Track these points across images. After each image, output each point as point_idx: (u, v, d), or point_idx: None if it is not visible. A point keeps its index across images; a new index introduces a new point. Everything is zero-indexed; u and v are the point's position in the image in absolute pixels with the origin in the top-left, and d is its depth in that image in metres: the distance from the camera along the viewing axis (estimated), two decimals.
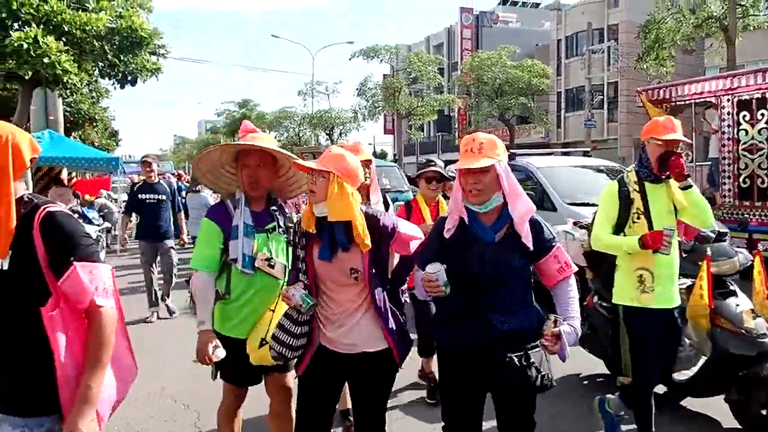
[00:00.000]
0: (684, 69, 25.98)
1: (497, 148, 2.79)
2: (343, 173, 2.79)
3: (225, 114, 60.68)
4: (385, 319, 2.91)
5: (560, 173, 8.76)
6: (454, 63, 44.21)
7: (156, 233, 8.00)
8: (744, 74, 10.53)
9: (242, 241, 3.11)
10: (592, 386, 5.26)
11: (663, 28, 19.24)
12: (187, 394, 5.13)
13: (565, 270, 2.81)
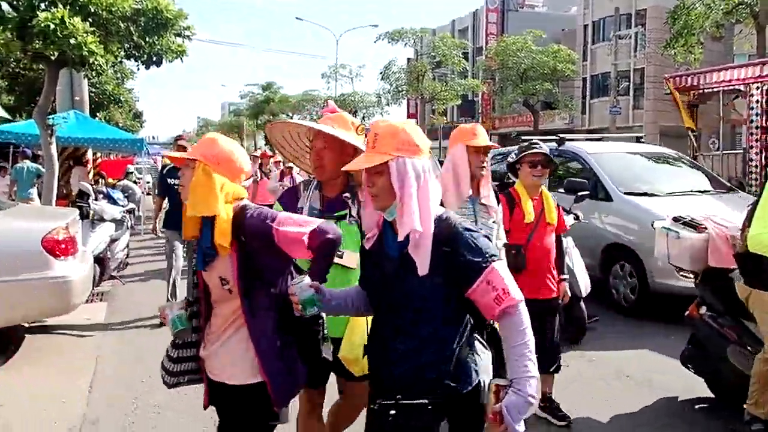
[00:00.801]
0: (712, 56, 25.50)
1: (397, 142, 2.13)
2: (211, 161, 2.40)
3: (249, 96, 60.88)
4: (258, 343, 2.39)
5: (614, 160, 8.11)
6: (479, 47, 43.78)
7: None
8: None
9: None
10: (698, 412, 4.48)
11: (692, 14, 18.85)
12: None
13: (502, 299, 2.03)
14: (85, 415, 4.32)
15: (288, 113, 58.20)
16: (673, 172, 8.33)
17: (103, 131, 13.30)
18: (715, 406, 4.43)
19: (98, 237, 7.78)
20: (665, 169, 8.41)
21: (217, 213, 2.35)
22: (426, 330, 2.12)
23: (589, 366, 5.43)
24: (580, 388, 4.87)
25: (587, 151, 8.13)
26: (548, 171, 4.23)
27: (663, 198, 7.27)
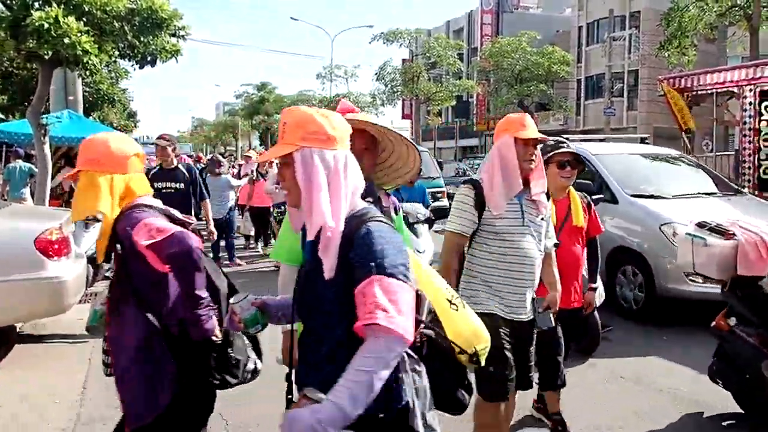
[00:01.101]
0: (706, 58, 25.58)
1: (304, 131, 1.91)
2: (92, 164, 2.33)
3: (243, 96, 60.85)
4: (117, 356, 2.34)
5: (619, 161, 7.95)
6: (474, 48, 43.85)
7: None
8: (767, 64, 10.37)
9: None
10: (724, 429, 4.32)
11: (686, 16, 18.95)
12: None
13: (371, 316, 1.70)
14: (79, 416, 4.30)
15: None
16: (678, 174, 8.19)
17: (96, 131, 13.27)
18: (743, 422, 4.21)
19: (92, 237, 7.74)
20: (671, 171, 8.27)
21: (100, 212, 2.27)
22: (329, 344, 1.89)
23: (594, 371, 5.30)
24: (582, 393, 4.74)
25: (591, 152, 7.91)
26: (577, 171, 4.03)
27: (670, 200, 7.14)
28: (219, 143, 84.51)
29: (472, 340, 2.04)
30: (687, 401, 4.62)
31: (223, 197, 10.24)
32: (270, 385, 2.70)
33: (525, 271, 3.12)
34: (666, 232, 6.54)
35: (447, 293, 2.12)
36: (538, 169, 3.17)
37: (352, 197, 1.92)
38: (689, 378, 5.07)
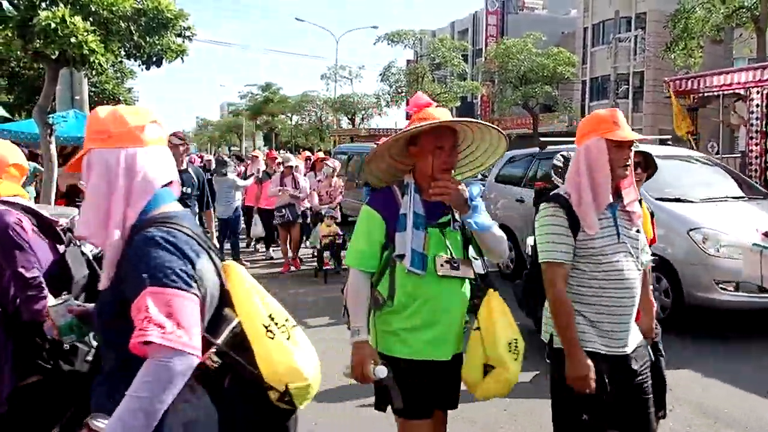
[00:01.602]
0: (712, 60, 25.52)
1: (91, 131, 1.77)
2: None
3: (248, 97, 60.95)
4: None
5: None
6: (479, 49, 43.82)
7: None
8: None
9: (411, 234, 2.51)
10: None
11: (692, 18, 18.89)
12: None
13: (143, 332, 1.51)
14: None
15: (287, 114, 58.29)
16: (703, 177, 7.84)
17: None
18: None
19: None
20: (695, 173, 7.90)
21: None
22: (114, 360, 1.71)
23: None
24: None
25: None
26: (647, 175, 3.69)
27: (697, 204, 6.86)
28: (223, 143, 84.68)
29: (284, 375, 1.74)
30: (730, 420, 4.28)
31: (229, 197, 10.29)
32: None
33: (625, 296, 2.62)
34: (695, 238, 6.30)
35: (265, 318, 1.78)
36: (631, 177, 2.70)
37: (138, 202, 1.71)
38: (726, 394, 4.76)
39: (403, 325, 2.57)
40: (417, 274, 2.51)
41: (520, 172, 9.54)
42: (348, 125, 46.13)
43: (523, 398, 4.45)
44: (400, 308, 2.57)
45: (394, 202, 2.62)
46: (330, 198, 10.43)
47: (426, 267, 2.52)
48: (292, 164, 9.94)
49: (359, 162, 14.32)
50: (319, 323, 6.78)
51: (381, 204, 2.64)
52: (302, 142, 52.16)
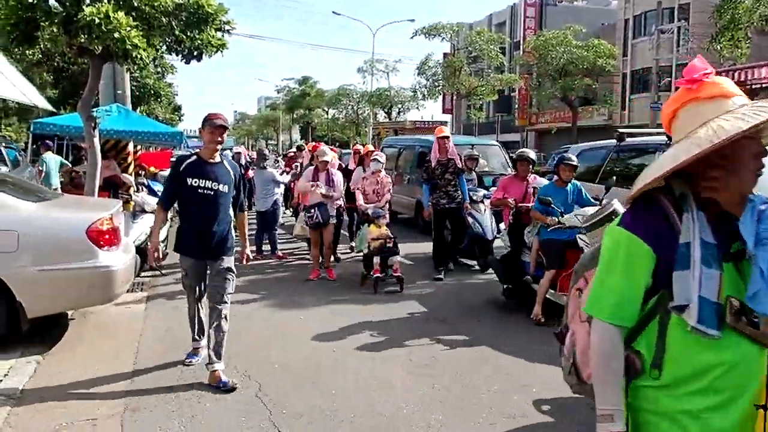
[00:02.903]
0: (761, 51, 24.78)
1: None
2: None
3: (285, 90, 61.42)
4: None
5: None
6: (517, 42, 43.33)
7: (206, 244, 4.84)
8: None
9: (700, 274, 1.71)
10: None
11: (740, 8, 18.34)
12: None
13: None
14: (126, 403, 4.39)
15: (323, 108, 58.55)
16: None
17: (143, 124, 13.50)
18: None
19: (140, 228, 7.92)
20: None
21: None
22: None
23: None
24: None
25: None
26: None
27: None
28: (260, 137, 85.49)
29: None
30: None
31: (267, 190, 10.39)
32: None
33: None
34: None
35: None
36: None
37: None
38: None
39: (685, 406, 1.76)
40: (709, 336, 1.70)
41: (594, 166, 8.95)
42: (384, 119, 46.13)
43: None
44: (676, 382, 1.76)
45: (666, 224, 1.79)
46: (377, 196, 9.53)
47: (722, 324, 1.70)
48: (327, 159, 8.82)
49: (414, 155, 13.75)
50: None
51: (644, 224, 1.79)
52: (338, 136, 52.36)
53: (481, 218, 8.98)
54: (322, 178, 8.77)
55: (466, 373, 5.16)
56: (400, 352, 5.71)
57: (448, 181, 8.80)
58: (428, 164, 8.98)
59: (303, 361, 5.41)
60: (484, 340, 6.02)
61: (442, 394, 4.72)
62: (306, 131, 60.50)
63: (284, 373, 5.13)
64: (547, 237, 6.54)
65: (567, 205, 6.61)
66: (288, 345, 5.85)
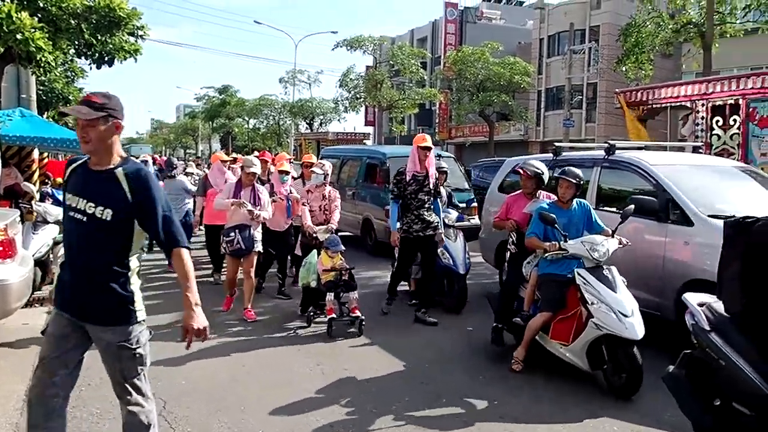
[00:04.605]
0: (662, 73, 26.23)
1: None
2: None
3: (204, 99, 60.17)
4: None
5: (686, 175, 6.60)
6: (438, 57, 44.16)
7: (77, 299, 3.22)
8: (719, 80, 10.70)
9: None
10: None
11: (643, 32, 19.39)
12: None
13: None
14: (18, 425, 4.15)
15: (244, 117, 57.75)
16: (756, 191, 6.76)
17: (50, 130, 12.91)
18: None
19: (40, 240, 7.54)
20: (744, 186, 6.88)
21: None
22: None
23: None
24: None
25: (650, 163, 6.67)
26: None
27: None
28: (178, 146, 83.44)
29: None
30: None
31: (178, 200, 10.12)
32: None
33: None
34: None
35: None
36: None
37: None
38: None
39: None
40: None
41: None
42: (306, 130, 45.94)
43: None
44: None
45: None
46: (325, 214, 7.80)
47: None
48: (254, 171, 7.32)
49: (361, 166, 12.94)
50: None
51: None
52: (259, 146, 51.70)
53: (452, 247, 7.63)
54: (246, 194, 7.22)
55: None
56: (311, 369, 5.64)
57: (422, 202, 7.18)
58: (401, 177, 7.23)
59: (212, 378, 5.28)
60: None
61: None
62: (226, 141, 59.44)
63: (192, 389, 4.99)
64: (546, 271, 5.46)
65: (571, 230, 5.44)
66: (199, 362, 5.65)
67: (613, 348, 4.95)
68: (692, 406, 3.56)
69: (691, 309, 3.70)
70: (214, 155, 10.47)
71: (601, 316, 4.86)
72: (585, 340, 5.04)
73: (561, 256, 5.29)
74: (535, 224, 5.52)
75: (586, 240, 5.23)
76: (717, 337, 3.41)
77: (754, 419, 3.15)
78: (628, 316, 4.79)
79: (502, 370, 5.55)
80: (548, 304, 5.37)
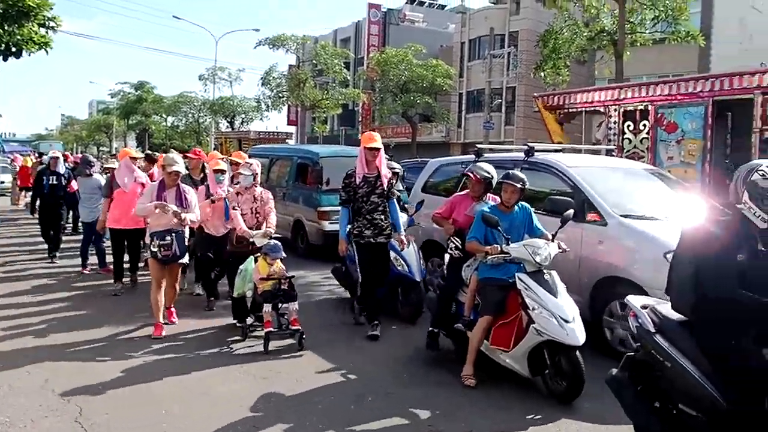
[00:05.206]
0: (577, 79, 27.22)
1: None
2: None
3: (120, 95, 58.07)
4: None
5: (600, 176, 6.88)
6: (361, 58, 44.28)
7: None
8: (630, 87, 11.21)
9: None
10: None
11: (560, 39, 20.07)
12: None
13: None
14: None
15: (162, 114, 56.10)
16: (663, 193, 7.13)
17: None
18: None
19: None
20: (653, 188, 7.24)
21: None
22: None
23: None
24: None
25: (567, 165, 6.92)
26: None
27: (665, 223, 6.02)
28: (91, 143, 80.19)
29: None
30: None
31: (94, 199, 9.76)
32: None
33: None
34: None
35: None
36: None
37: None
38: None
39: None
40: None
41: (453, 181, 8.57)
42: (227, 128, 45.07)
43: None
44: None
45: None
46: (258, 217, 7.07)
47: None
48: (177, 170, 6.74)
49: (291, 166, 12.59)
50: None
51: None
52: (178, 145, 50.34)
53: (407, 253, 7.07)
54: (171, 196, 6.64)
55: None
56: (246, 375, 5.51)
57: (375, 205, 6.66)
58: (350, 180, 6.71)
59: (131, 383, 5.10)
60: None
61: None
62: (142, 138, 57.57)
63: (110, 395, 4.80)
64: (486, 275, 5.34)
65: (513, 234, 5.34)
66: (121, 379, 5.31)
67: (554, 353, 4.88)
68: (637, 408, 3.56)
69: (635, 311, 3.71)
70: (123, 151, 9.34)
71: (542, 322, 4.78)
72: (526, 346, 4.95)
73: (502, 260, 5.19)
74: (476, 228, 5.41)
75: (528, 243, 5.16)
76: (662, 339, 3.42)
77: (702, 421, 3.20)
78: (569, 321, 4.76)
79: (449, 378, 5.35)
80: (488, 308, 5.24)
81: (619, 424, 4.23)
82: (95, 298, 8.16)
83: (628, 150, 10.87)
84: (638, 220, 6.12)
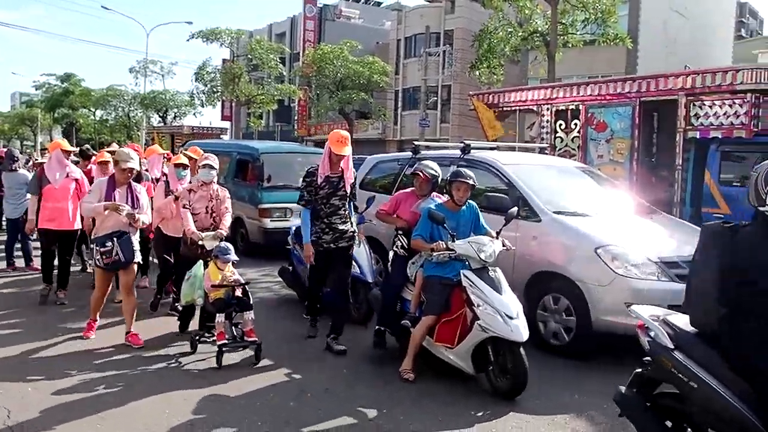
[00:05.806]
0: (511, 78, 27.76)
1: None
2: None
3: (45, 87, 55.71)
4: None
5: (534, 173, 7.10)
6: (296, 53, 43.87)
7: None
8: (561, 87, 11.51)
9: None
10: None
11: (495, 38, 20.44)
12: None
13: None
14: None
15: (90, 108, 54.15)
16: (596, 191, 7.44)
17: None
18: None
19: None
20: (586, 186, 7.51)
21: None
22: None
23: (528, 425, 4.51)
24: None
25: (502, 162, 7.06)
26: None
27: (597, 219, 6.35)
28: (14, 137, 76.64)
29: None
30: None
31: (19, 195, 9.39)
32: None
33: None
34: (603, 257, 5.75)
35: None
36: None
37: None
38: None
39: None
40: None
41: (390, 178, 8.56)
42: (159, 123, 43.93)
43: None
44: None
45: None
46: (213, 217, 6.47)
47: None
48: (132, 166, 6.10)
49: (231, 163, 12.02)
50: None
51: None
52: (107, 139, 48.68)
53: (358, 253, 6.72)
54: (122, 195, 6.03)
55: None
56: None
57: (335, 207, 6.18)
58: (311, 179, 6.17)
59: (66, 382, 4.92)
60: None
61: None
62: (69, 132, 55.40)
63: (42, 397, 4.61)
64: (432, 273, 5.33)
65: (459, 232, 5.33)
66: (50, 368, 5.18)
67: (498, 350, 4.92)
68: (649, 428, 3.31)
69: (647, 324, 3.29)
70: (55, 142, 8.50)
71: (487, 319, 4.81)
72: (471, 342, 4.97)
73: (447, 258, 5.19)
74: (422, 225, 5.37)
75: (473, 240, 5.15)
76: (682, 356, 3.06)
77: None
78: (513, 318, 4.79)
79: (395, 377, 5.28)
80: (432, 307, 5.22)
81: (564, 413, 4.41)
82: (23, 304, 7.62)
83: (560, 148, 11.17)
84: (571, 217, 6.32)
